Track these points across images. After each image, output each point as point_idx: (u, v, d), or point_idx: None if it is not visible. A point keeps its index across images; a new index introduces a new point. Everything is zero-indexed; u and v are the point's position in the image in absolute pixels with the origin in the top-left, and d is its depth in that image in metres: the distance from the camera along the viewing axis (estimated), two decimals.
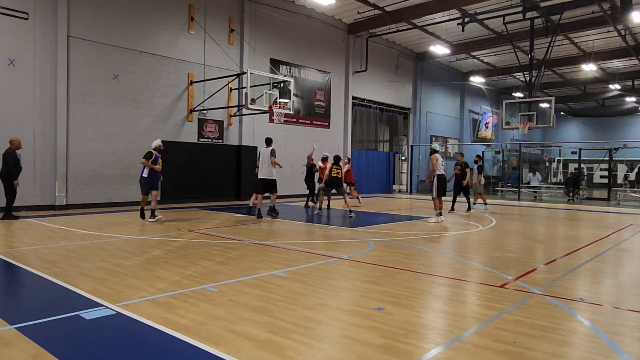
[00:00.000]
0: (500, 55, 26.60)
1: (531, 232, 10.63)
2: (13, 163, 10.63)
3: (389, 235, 9.31)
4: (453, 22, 19.84)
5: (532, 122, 19.07)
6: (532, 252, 8.12)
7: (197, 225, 10.31)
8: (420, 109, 27.35)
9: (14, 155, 10.68)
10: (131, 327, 3.91)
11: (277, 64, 18.73)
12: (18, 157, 10.88)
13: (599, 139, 36.08)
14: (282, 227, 10.36)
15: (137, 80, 14.65)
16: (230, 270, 5.99)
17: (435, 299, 5.04)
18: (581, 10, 18.89)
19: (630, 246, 8.77)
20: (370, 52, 22.84)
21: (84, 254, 6.94)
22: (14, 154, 10.72)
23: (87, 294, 4.77)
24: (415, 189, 26.29)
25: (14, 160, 10.67)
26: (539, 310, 4.50)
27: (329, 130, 21.50)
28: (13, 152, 10.70)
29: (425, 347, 3.56)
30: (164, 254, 7.00)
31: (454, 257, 7.32)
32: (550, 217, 14.38)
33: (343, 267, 6.36)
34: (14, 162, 10.68)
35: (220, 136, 17.16)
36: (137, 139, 14.68)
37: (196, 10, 16.08)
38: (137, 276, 5.58)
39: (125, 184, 14.47)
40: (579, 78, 31.15)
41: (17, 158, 10.80)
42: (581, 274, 6.27)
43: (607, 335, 3.83)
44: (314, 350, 3.47)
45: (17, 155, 10.82)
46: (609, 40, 23.23)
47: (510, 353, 3.44)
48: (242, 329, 3.85)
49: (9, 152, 10.67)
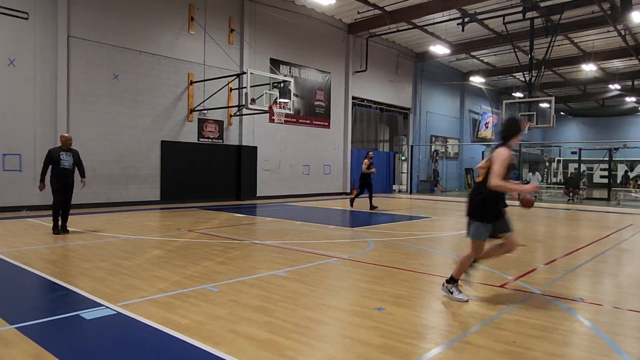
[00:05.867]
0: (500, 55, 26.60)
1: (531, 232, 10.63)
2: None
3: (389, 235, 9.31)
4: (453, 22, 19.84)
5: (532, 122, 19.10)
6: (532, 252, 8.11)
7: (197, 225, 10.31)
8: (420, 109, 27.35)
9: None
10: (131, 327, 3.91)
11: (277, 63, 18.73)
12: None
13: (598, 139, 36.07)
14: (283, 227, 10.36)
15: (137, 80, 14.65)
16: (230, 270, 6.00)
17: (436, 299, 5.04)
18: (581, 10, 18.89)
19: (630, 246, 8.77)
20: (370, 52, 22.83)
21: (85, 253, 6.94)
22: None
23: (87, 294, 4.77)
24: (416, 189, 26.29)
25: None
26: (539, 310, 4.50)
27: (329, 130, 21.50)
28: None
29: (425, 347, 3.56)
30: (164, 254, 7.00)
31: (454, 257, 7.31)
32: (550, 217, 14.38)
33: (343, 267, 6.37)
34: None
35: (221, 136, 17.16)
36: (137, 139, 14.69)
37: (196, 10, 16.08)
38: (137, 276, 5.59)
39: (126, 184, 14.47)
40: (579, 78, 31.15)
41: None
42: (581, 274, 6.27)
43: (607, 335, 3.83)
44: (314, 350, 3.47)
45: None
46: (609, 40, 23.22)
47: (510, 353, 3.44)
48: (242, 328, 3.86)
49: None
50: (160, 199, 15.30)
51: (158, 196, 15.27)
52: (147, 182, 15.00)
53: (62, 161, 8.71)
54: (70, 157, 8.84)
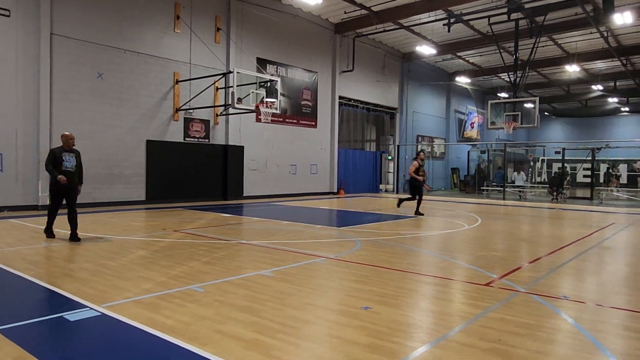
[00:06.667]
0: (486, 56, 26.85)
1: (516, 231, 10.75)
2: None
3: (375, 235, 9.34)
4: (439, 23, 19.95)
5: (517, 122, 19.30)
6: (517, 250, 8.20)
7: (183, 225, 10.24)
8: (406, 109, 27.48)
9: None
10: (116, 328, 3.87)
11: (264, 63, 18.68)
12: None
13: (582, 138, 36.61)
14: (270, 227, 10.34)
15: (122, 78, 14.50)
16: (216, 270, 5.96)
17: (422, 297, 5.07)
18: (565, 12, 19.14)
19: (612, 244, 8.91)
20: (357, 52, 22.88)
21: (68, 254, 6.85)
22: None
23: (71, 295, 4.71)
24: (402, 188, 26.40)
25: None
26: (524, 308, 4.55)
27: (316, 129, 21.50)
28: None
29: (411, 346, 3.58)
30: (149, 254, 6.94)
31: (440, 256, 7.36)
32: (535, 216, 14.54)
33: (330, 266, 6.37)
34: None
35: (207, 135, 17.06)
36: (122, 138, 14.54)
37: (182, 9, 15.96)
38: (122, 277, 5.53)
39: (110, 184, 14.32)
40: (562, 79, 31.57)
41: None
42: (565, 272, 6.35)
43: (590, 333, 3.89)
44: (300, 349, 3.46)
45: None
46: (592, 42, 23.57)
47: (495, 351, 3.47)
48: (228, 329, 3.84)
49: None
50: (146, 198, 15.17)
51: (143, 196, 15.13)
52: (132, 181, 14.85)
53: (64, 162, 7.89)
54: (72, 159, 8.03)
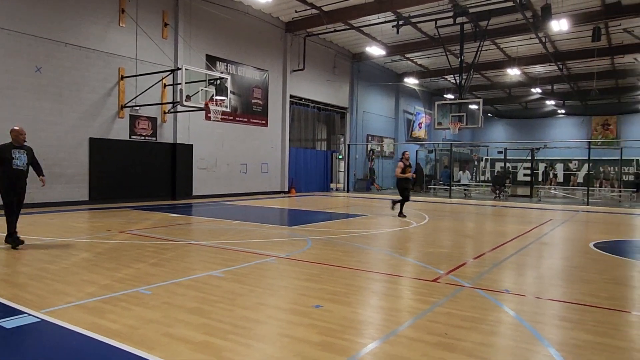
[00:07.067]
0: (433, 58, 27.58)
1: (461, 228, 11.12)
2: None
3: (326, 234, 9.40)
4: (388, 24, 20.31)
5: (462, 122, 19.97)
6: (462, 247, 8.50)
7: (129, 226, 9.91)
8: (356, 109, 27.81)
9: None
10: (57, 334, 3.70)
11: (214, 60, 18.36)
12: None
13: (522, 139, 38.32)
14: (220, 227, 10.18)
15: (62, 73, 13.84)
16: (164, 271, 5.82)
17: (372, 294, 5.16)
18: (506, 17, 19.94)
19: (550, 240, 9.40)
20: (308, 51, 22.92)
21: (4, 258, 6.48)
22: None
23: (7, 301, 4.46)
24: (352, 187, 26.72)
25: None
26: (469, 302, 4.72)
27: (266, 128, 21.37)
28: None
29: (362, 342, 3.63)
30: (92, 256, 6.67)
31: (389, 253, 7.51)
32: (479, 213, 15.10)
33: (281, 265, 6.36)
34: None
35: (154, 133, 16.58)
36: (63, 136, 13.88)
37: (127, 2, 15.39)
38: (63, 281, 5.29)
39: (50, 184, 13.59)
40: (504, 82, 32.96)
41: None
42: (507, 266, 6.64)
43: (530, 324, 4.08)
44: (252, 350, 3.44)
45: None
46: (531, 47, 24.69)
47: (442, 344, 3.58)
48: (177, 331, 3.75)
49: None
50: (89, 199, 14.56)
51: (86, 196, 14.52)
52: (74, 181, 14.21)
53: (14, 160, 7.24)
54: (23, 156, 7.42)
